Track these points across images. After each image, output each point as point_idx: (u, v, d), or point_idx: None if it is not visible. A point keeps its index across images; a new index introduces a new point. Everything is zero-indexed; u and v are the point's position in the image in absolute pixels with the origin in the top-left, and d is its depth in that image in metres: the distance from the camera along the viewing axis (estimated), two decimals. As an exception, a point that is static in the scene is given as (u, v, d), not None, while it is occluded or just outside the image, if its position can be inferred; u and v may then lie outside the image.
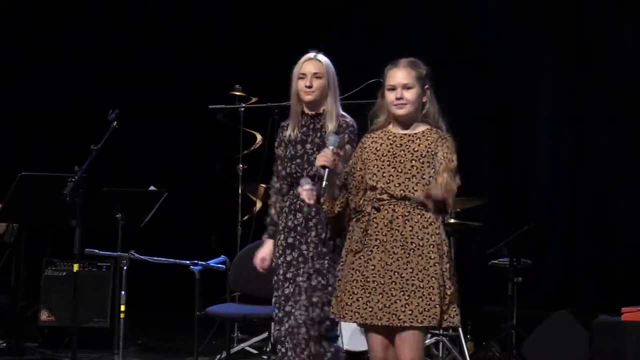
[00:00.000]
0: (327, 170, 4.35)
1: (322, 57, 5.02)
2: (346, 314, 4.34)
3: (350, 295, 4.33)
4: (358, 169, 4.44)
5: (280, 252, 5.04)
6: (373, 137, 4.45)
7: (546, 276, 8.50)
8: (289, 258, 4.99)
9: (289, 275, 4.98)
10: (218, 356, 7.22)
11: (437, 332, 7.35)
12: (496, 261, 7.76)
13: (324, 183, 4.37)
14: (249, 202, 7.72)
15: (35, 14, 9.50)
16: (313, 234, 4.94)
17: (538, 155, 9.08)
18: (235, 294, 6.82)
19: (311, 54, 5.03)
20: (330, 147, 4.46)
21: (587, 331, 6.62)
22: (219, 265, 6.24)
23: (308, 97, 4.98)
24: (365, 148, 4.44)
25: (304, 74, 4.98)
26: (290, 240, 5.00)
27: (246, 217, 7.64)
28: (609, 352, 5.44)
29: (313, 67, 4.98)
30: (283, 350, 5.00)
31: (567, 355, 7.20)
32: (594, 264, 8.69)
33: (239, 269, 6.23)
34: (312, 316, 4.90)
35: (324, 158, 4.39)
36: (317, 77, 4.97)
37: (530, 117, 9.20)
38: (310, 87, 4.96)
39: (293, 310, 4.95)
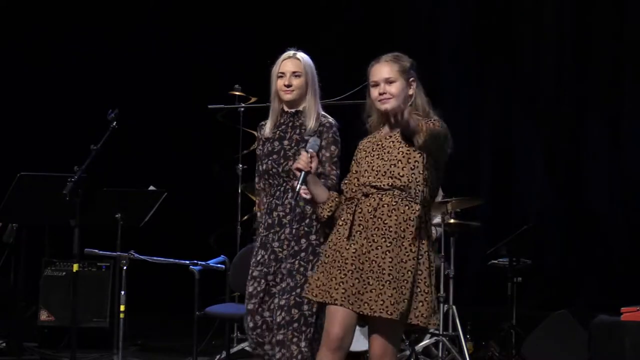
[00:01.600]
0: (302, 173, 4.29)
1: (301, 55, 4.99)
2: (319, 293, 4.26)
3: (327, 275, 4.25)
4: (354, 171, 4.40)
5: (254, 252, 5.00)
6: (369, 139, 4.42)
7: (545, 276, 8.52)
8: (259, 257, 4.94)
9: (255, 273, 4.93)
10: (218, 356, 7.22)
11: (437, 332, 7.38)
12: (496, 261, 7.78)
13: (298, 185, 4.31)
14: (248, 202, 7.72)
15: (35, 14, 9.51)
16: (287, 230, 4.88)
17: (536, 156, 9.07)
18: (235, 294, 6.83)
19: (290, 52, 4.99)
20: (309, 150, 4.38)
21: (586, 331, 6.62)
22: (219, 265, 6.24)
23: (287, 97, 4.94)
24: (361, 149, 4.41)
25: (283, 73, 4.95)
26: (263, 240, 4.96)
27: (246, 217, 7.64)
28: (608, 352, 5.43)
29: (292, 65, 4.95)
30: (259, 350, 4.93)
31: (566, 355, 7.20)
32: (594, 264, 8.70)
33: (238, 269, 6.23)
34: (279, 320, 4.82)
35: (299, 161, 4.32)
36: (296, 76, 4.93)
37: (529, 118, 9.19)
38: (289, 86, 4.92)
39: (265, 314, 4.89)
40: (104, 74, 9.42)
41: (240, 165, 7.61)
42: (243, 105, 7.59)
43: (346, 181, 4.43)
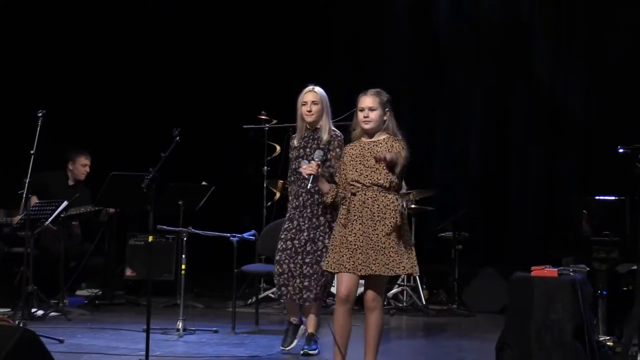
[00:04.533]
0: (311, 176, 4.50)
1: (318, 89, 5.21)
2: (336, 266, 4.41)
3: (338, 254, 4.40)
4: (342, 168, 4.55)
5: (284, 223, 5.24)
6: (351, 146, 4.58)
7: (479, 244, 8.49)
8: (286, 226, 5.20)
9: (282, 236, 5.18)
10: (250, 300, 7.31)
11: (402, 282, 7.42)
12: (443, 234, 7.80)
13: (308, 185, 4.52)
14: (271, 193, 7.77)
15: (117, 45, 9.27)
16: (308, 210, 5.13)
17: (472, 157, 9.00)
18: (262, 257, 6.85)
19: (310, 87, 5.21)
20: (316, 159, 4.61)
21: (506, 283, 6.68)
22: (251, 237, 6.28)
23: (308, 119, 5.18)
24: (347, 154, 4.57)
25: (305, 102, 5.17)
26: (290, 215, 5.20)
27: (269, 204, 7.66)
28: (521, 299, 5.43)
29: (312, 97, 5.17)
30: (283, 290, 5.16)
31: (493, 300, 7.29)
32: (512, 235, 8.66)
33: (264, 240, 6.24)
34: (304, 272, 5.08)
35: (309, 168, 4.54)
36: (314, 104, 5.15)
37: (464, 124, 8.97)
38: (310, 111, 5.14)
39: (290, 265, 5.10)
40: (174, 100, 9.29)
41: (265, 167, 7.65)
42: (267, 125, 7.63)
43: (336, 178, 4.60)
